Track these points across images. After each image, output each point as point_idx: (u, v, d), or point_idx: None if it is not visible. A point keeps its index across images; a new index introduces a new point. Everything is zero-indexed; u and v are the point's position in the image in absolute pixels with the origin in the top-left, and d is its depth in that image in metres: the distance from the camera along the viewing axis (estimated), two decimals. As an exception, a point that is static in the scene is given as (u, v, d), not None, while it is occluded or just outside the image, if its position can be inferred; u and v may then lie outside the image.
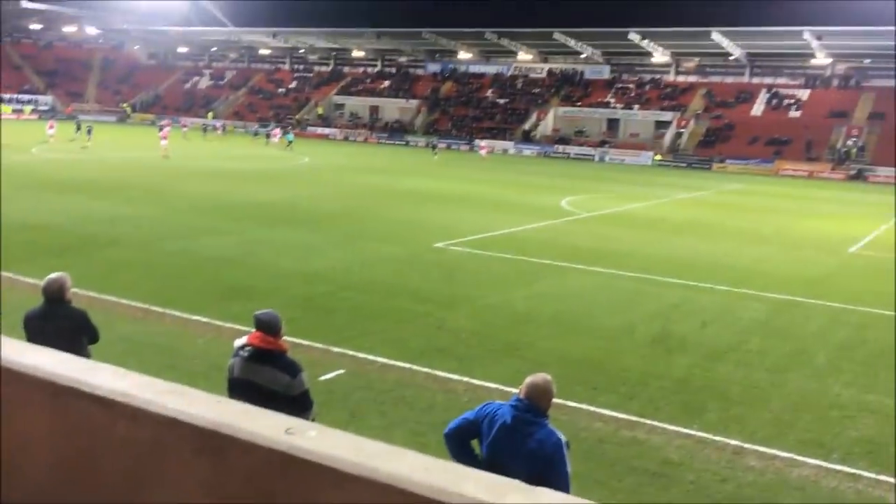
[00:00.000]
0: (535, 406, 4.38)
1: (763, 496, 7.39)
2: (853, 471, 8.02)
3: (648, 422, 9.06)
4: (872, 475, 7.95)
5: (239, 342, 5.46)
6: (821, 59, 67.42)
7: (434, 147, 61.30)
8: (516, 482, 1.71)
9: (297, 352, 10.59)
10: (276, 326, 5.19)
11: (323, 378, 9.90)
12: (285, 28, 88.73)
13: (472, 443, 4.59)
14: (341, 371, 10.25)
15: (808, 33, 62.02)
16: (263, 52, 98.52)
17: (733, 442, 8.60)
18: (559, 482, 4.31)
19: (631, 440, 8.56)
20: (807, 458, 8.25)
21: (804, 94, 68.54)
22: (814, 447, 8.57)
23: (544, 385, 4.45)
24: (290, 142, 56.08)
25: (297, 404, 5.03)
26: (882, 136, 60.88)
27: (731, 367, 11.29)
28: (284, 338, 5.59)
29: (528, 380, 4.49)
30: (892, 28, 58.01)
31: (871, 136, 61.70)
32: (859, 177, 57.43)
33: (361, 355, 10.92)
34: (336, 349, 11.11)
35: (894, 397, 10.33)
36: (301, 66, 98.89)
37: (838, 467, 8.10)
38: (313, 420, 5.14)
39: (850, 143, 61.85)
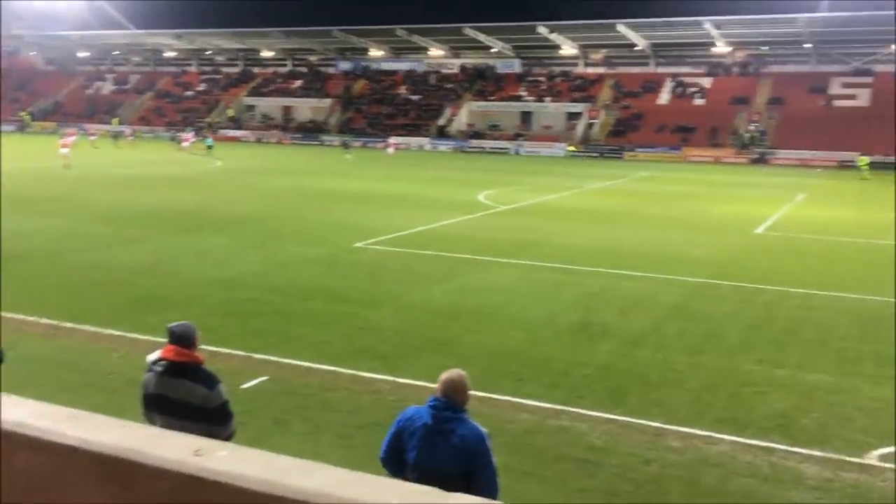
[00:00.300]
0: (453, 402, 4.37)
1: (684, 475, 7.59)
2: (767, 444, 8.32)
3: (573, 409, 9.19)
4: (785, 447, 8.27)
5: (152, 357, 5.26)
6: (721, 48, 69.82)
7: (346, 146, 60.69)
8: (433, 490, 1.68)
9: (218, 360, 10.36)
10: (190, 338, 5.02)
11: (245, 386, 9.69)
12: (190, 29, 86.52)
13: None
14: (264, 378, 10.05)
15: (708, 23, 64.12)
16: (168, 54, 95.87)
17: (655, 424, 8.80)
18: (487, 473, 4.33)
19: (557, 429, 8.67)
20: (724, 436, 8.52)
21: (707, 82, 70.88)
22: (730, 424, 8.86)
23: (459, 380, 4.45)
24: (210, 147, 54.73)
25: (216, 417, 4.89)
26: (781, 120, 63.51)
27: (651, 351, 11.57)
28: (202, 347, 5.42)
29: (443, 377, 4.47)
30: (787, 16, 60.53)
31: (771, 121, 64.27)
32: (761, 160, 59.74)
33: (284, 360, 10.74)
34: (258, 356, 10.89)
35: (803, 371, 10.79)
36: (209, 68, 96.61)
37: (753, 442, 8.40)
38: (233, 432, 5.01)
39: (751, 128, 64.27)
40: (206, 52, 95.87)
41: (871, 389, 10.11)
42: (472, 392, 9.89)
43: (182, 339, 4.99)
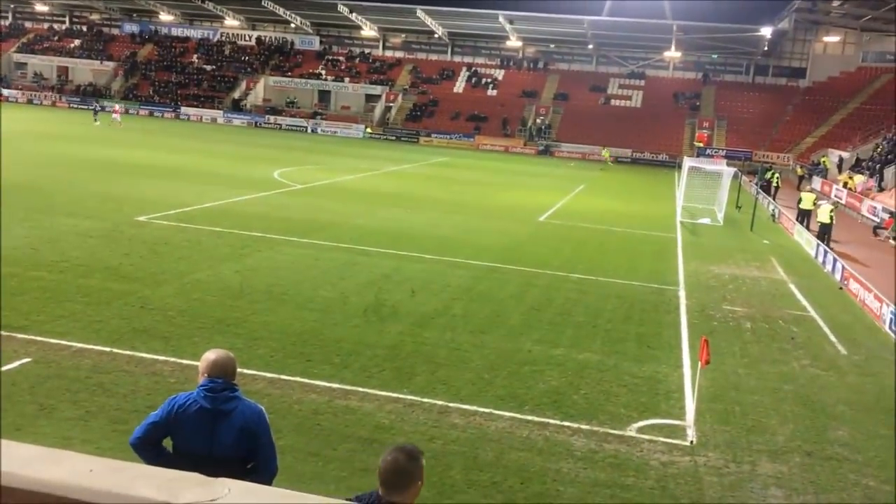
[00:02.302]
0: (229, 382, 4.21)
1: (465, 451, 7.91)
2: (542, 419, 8.87)
3: (361, 389, 9.28)
4: (557, 422, 8.86)
5: None
6: (514, 42, 72.84)
7: (96, 112, 53.95)
8: (194, 476, 1.60)
9: (-28, 343, 9.38)
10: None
11: (5, 369, 8.88)
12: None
13: (165, 443, 4.27)
14: (27, 360, 9.24)
15: (501, 17, 66.62)
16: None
17: (439, 402, 9.10)
18: (267, 451, 4.23)
19: (344, 409, 8.71)
20: (503, 412, 8.97)
21: (500, 74, 73.75)
22: (509, 401, 9.34)
23: (229, 358, 4.28)
24: None
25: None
26: (565, 114, 67.48)
27: (438, 331, 11.91)
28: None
29: (212, 358, 4.23)
30: (573, 17, 64.23)
31: (556, 115, 68.09)
32: (547, 152, 63.19)
33: (52, 341, 9.95)
34: (21, 336, 10.00)
35: (576, 351, 11.58)
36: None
37: (530, 417, 8.91)
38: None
39: (539, 120, 67.76)
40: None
41: (633, 367, 11.07)
42: (259, 373, 9.71)
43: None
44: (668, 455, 8.28)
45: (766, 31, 59.10)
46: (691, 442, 8.62)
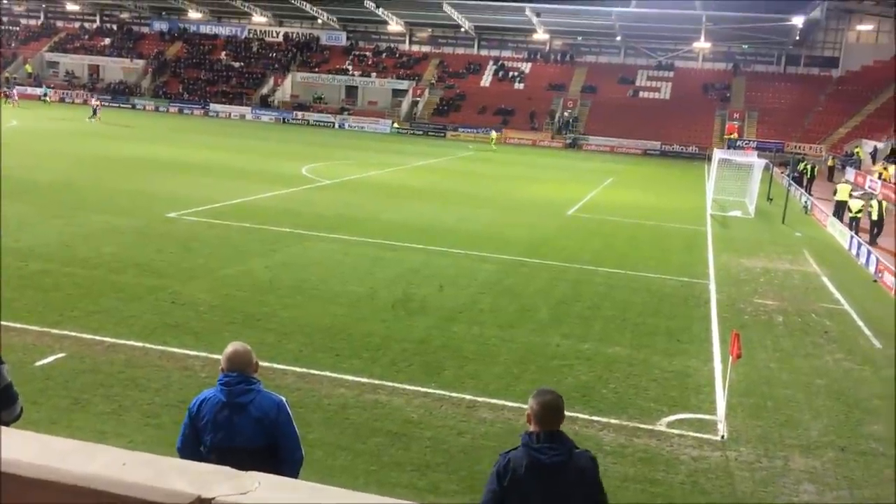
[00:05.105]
0: (244, 375, 4.28)
1: (494, 445, 7.89)
2: (571, 414, 8.80)
3: (390, 384, 9.31)
4: (587, 416, 8.83)
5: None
6: (541, 35, 72.48)
7: (95, 111, 51.60)
8: (224, 469, 1.62)
9: (10, 336, 9.59)
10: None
11: (40, 363, 9.05)
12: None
13: None
14: (62, 355, 9.40)
15: (528, 10, 66.33)
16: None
17: (468, 397, 9.10)
18: (290, 441, 4.29)
19: (373, 403, 8.74)
20: (532, 406, 8.93)
21: (527, 67, 73.43)
22: (538, 395, 9.29)
23: (244, 351, 4.35)
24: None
25: (-1, 401, 4.49)
26: (593, 107, 67.05)
27: (466, 326, 11.92)
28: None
29: (228, 352, 4.33)
30: (600, 9, 63.77)
31: (584, 108, 67.68)
32: (575, 145, 62.84)
33: (86, 336, 10.10)
34: (55, 331, 10.17)
35: (605, 345, 11.52)
36: (5, 18, 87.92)
37: (559, 411, 8.86)
38: (19, 415, 4.64)
39: (566, 113, 67.39)
40: (2, 2, 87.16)
41: (663, 361, 10.99)
42: (289, 368, 9.78)
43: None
44: (698, 450, 8.22)
45: (798, 21, 58.16)
46: (722, 437, 8.54)
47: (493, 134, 60.14)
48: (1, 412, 4.47)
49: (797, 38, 64.12)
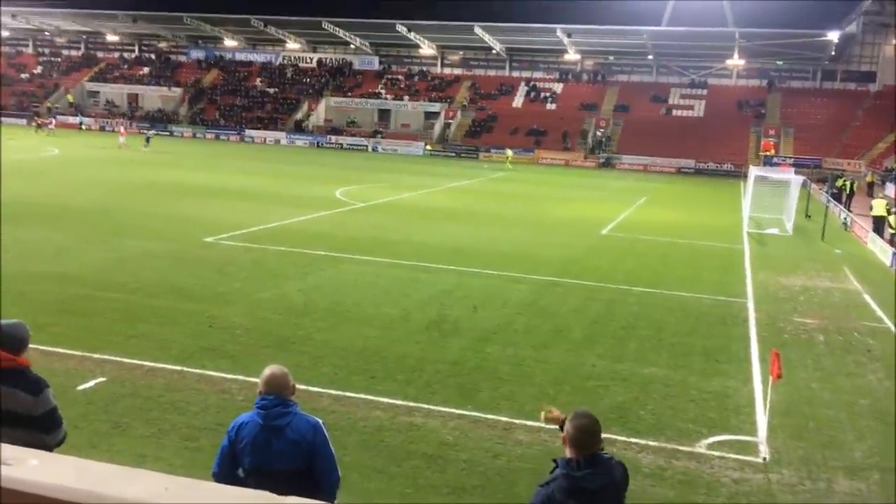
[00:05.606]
0: (281, 398, 4.32)
1: (531, 467, 7.83)
2: (608, 436, 8.70)
3: (425, 406, 9.29)
4: (624, 438, 8.71)
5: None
6: (572, 55, 72.61)
7: (148, 139, 53.23)
8: (263, 493, 1.63)
9: (52, 361, 9.75)
10: (15, 342, 4.62)
11: (81, 388, 9.18)
12: (26, 7, 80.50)
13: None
14: (102, 379, 9.53)
15: (559, 31, 66.51)
16: (2, 33, 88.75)
17: (504, 418, 9.04)
18: (327, 462, 4.31)
19: (408, 425, 8.72)
20: (568, 428, 8.85)
21: (558, 88, 73.55)
22: (574, 416, 9.20)
23: (281, 374, 4.40)
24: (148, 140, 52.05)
25: (42, 424, 4.56)
26: (625, 126, 66.83)
27: (500, 347, 11.87)
28: (32, 347, 5.03)
29: (266, 375, 4.39)
30: (631, 28, 63.76)
31: (617, 127, 67.50)
32: (608, 164, 62.62)
33: (125, 360, 10.24)
34: (96, 356, 10.32)
35: (640, 365, 11.39)
36: (47, 50, 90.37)
37: (595, 433, 8.76)
38: (62, 439, 4.71)
39: (599, 133, 67.26)
40: (45, 33, 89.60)
41: (701, 381, 10.83)
42: (324, 390, 9.81)
43: (8, 341, 4.60)
44: (739, 472, 8.07)
45: (834, 36, 57.55)
46: (764, 458, 8.38)
47: (509, 152, 61.00)
48: (46, 436, 4.55)
49: (833, 52, 63.42)
